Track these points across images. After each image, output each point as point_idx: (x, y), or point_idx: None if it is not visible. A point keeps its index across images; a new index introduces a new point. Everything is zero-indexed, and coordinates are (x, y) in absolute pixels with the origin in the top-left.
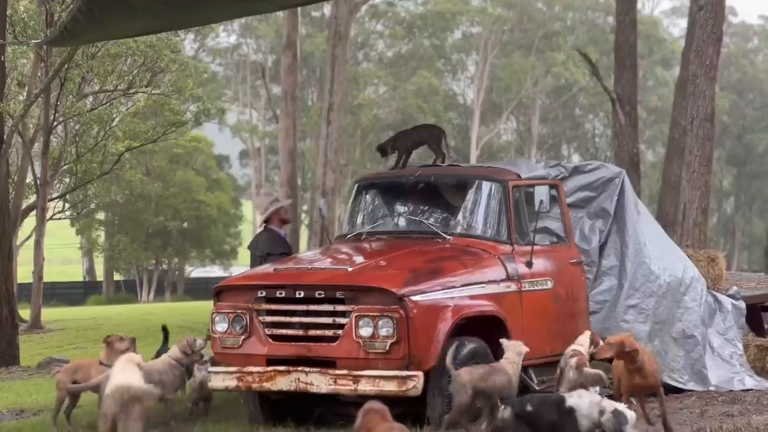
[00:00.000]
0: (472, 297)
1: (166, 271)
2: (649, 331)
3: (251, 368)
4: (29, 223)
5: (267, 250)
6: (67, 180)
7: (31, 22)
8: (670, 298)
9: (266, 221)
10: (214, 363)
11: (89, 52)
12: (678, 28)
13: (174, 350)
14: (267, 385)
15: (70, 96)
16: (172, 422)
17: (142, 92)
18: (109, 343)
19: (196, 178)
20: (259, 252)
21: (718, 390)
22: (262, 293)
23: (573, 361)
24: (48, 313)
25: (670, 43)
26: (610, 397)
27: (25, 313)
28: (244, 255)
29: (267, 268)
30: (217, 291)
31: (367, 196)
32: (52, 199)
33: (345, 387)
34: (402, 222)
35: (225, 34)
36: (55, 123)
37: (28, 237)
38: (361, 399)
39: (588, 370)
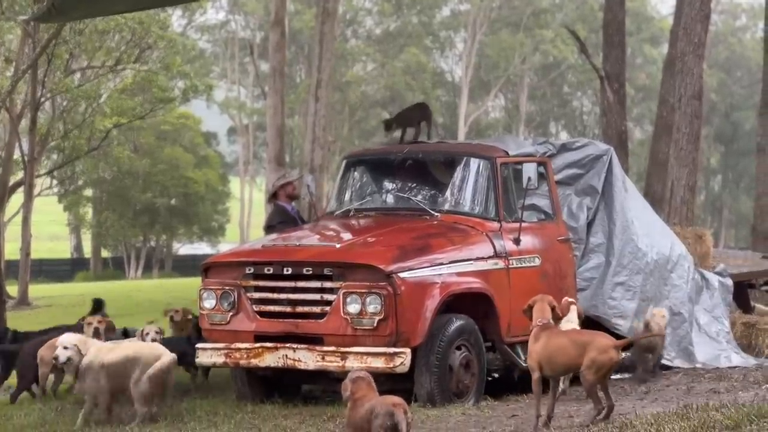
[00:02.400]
0: (459, 274)
1: (154, 248)
2: (637, 309)
3: (239, 345)
4: (16, 199)
5: (268, 222)
6: (55, 156)
7: None
8: (658, 275)
9: (274, 196)
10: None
11: (77, 28)
12: (666, 5)
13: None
14: (255, 362)
15: (58, 72)
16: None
17: (130, 68)
18: (88, 324)
19: (184, 155)
20: (264, 225)
21: (704, 367)
22: (249, 270)
23: None
24: (35, 290)
25: (658, 21)
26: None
27: (12, 289)
28: (232, 232)
29: (255, 244)
30: (205, 267)
31: (355, 172)
32: (39, 176)
33: (333, 363)
34: (390, 199)
35: (213, 11)
36: (42, 99)
37: (16, 213)
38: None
39: None
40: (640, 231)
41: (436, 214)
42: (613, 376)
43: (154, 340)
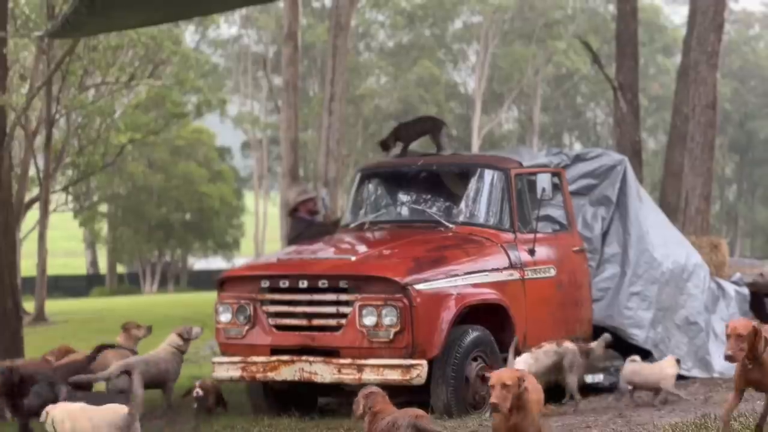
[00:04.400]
0: (475, 285)
1: (170, 263)
2: (652, 319)
3: (255, 358)
4: (32, 215)
5: (289, 236)
6: (70, 172)
7: (32, 15)
8: (673, 285)
9: (295, 210)
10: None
11: (90, 45)
12: (679, 15)
13: (171, 339)
14: (271, 375)
15: (72, 88)
16: (170, 411)
17: (144, 84)
18: (126, 329)
19: (198, 170)
20: (288, 239)
21: (722, 377)
22: (265, 283)
23: None
24: (52, 306)
25: (671, 31)
26: None
27: (29, 305)
28: (247, 246)
29: (270, 258)
30: (221, 281)
31: (370, 185)
32: (54, 192)
33: (349, 376)
34: (404, 211)
35: (226, 26)
36: (57, 115)
37: (32, 230)
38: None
39: None
40: (655, 241)
41: (450, 225)
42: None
43: None
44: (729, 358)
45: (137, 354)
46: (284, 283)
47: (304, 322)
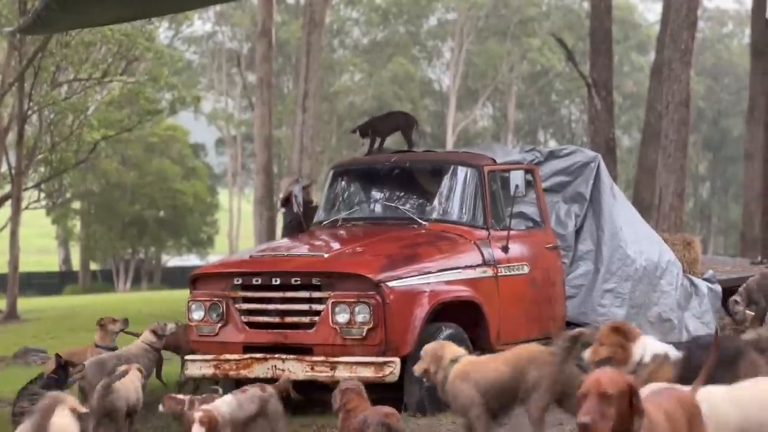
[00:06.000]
0: (448, 282)
1: (143, 260)
2: (626, 315)
3: (228, 356)
4: (4, 212)
5: (285, 224)
6: (43, 169)
7: (4, 11)
8: (647, 282)
9: (287, 200)
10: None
11: (63, 41)
12: (653, 13)
13: (146, 334)
14: (244, 373)
15: (45, 85)
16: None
17: (117, 81)
18: (102, 325)
19: (172, 167)
20: (283, 227)
21: None
22: (238, 281)
23: None
24: (24, 303)
25: (645, 28)
26: None
27: (0, 303)
28: (221, 243)
29: (243, 255)
30: (193, 279)
31: (343, 182)
32: (27, 189)
33: (322, 374)
34: (378, 208)
35: (200, 22)
36: (29, 112)
37: (3, 227)
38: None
39: None
40: (628, 238)
41: (424, 223)
42: None
43: None
44: (584, 429)
45: (117, 350)
46: (257, 281)
47: (276, 319)
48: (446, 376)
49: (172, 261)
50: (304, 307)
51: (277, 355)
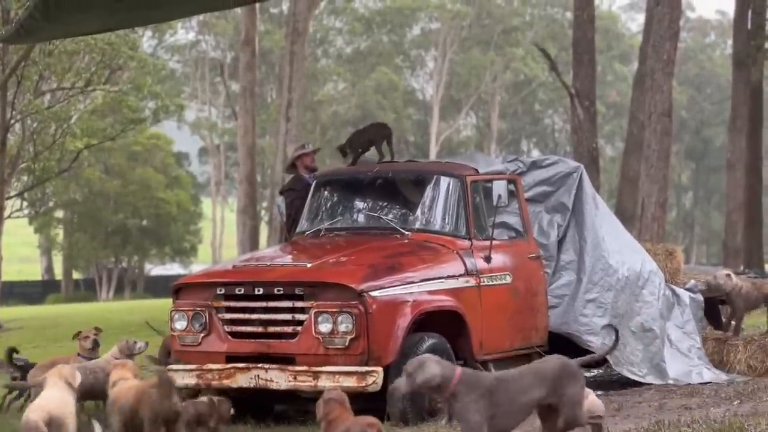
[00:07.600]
0: (431, 292)
1: (126, 269)
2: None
3: (211, 366)
4: None
5: (283, 187)
6: (25, 178)
7: None
8: (629, 291)
9: (293, 166)
10: None
11: (46, 50)
12: (636, 23)
13: (114, 351)
14: (227, 383)
15: (28, 94)
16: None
17: (100, 89)
18: (84, 338)
19: (155, 176)
20: (281, 189)
21: (676, 383)
22: (221, 290)
23: None
24: (6, 312)
25: (628, 39)
26: None
27: None
28: (204, 252)
29: (226, 265)
30: (176, 288)
31: (326, 192)
32: (9, 198)
33: (305, 383)
34: (360, 218)
35: (183, 31)
36: (12, 121)
37: None
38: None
39: None
40: (611, 248)
41: (406, 232)
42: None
43: None
44: None
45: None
46: (240, 290)
47: (259, 329)
48: None
49: (155, 270)
50: (287, 316)
51: (260, 365)
